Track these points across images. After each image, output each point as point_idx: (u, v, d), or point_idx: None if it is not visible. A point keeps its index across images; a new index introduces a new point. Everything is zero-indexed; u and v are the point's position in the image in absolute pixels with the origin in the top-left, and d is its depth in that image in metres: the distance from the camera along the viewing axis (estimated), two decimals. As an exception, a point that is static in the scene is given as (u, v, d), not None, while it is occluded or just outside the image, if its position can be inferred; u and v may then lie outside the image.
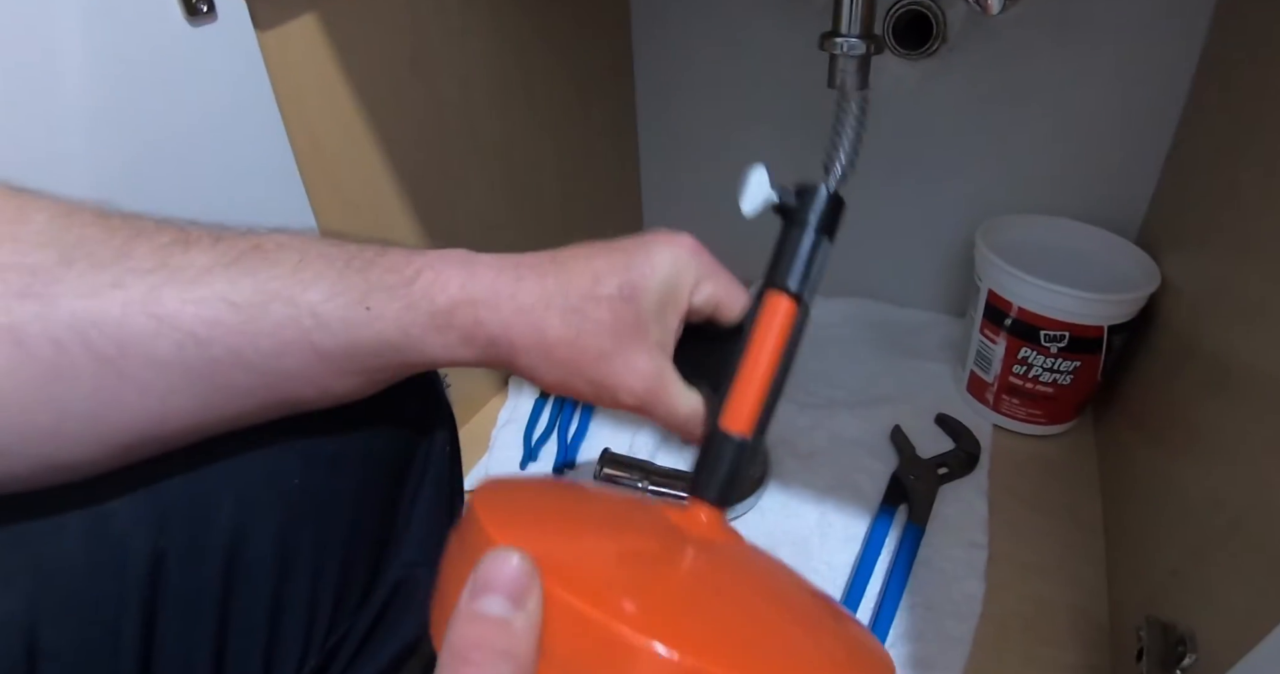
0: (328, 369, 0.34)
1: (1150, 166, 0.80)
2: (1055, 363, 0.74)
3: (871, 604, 0.65)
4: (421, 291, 0.35)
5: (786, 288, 0.40)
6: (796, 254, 0.41)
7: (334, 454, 0.40)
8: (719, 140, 1.03)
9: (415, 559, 0.43)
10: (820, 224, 0.41)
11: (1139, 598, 0.59)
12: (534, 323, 0.36)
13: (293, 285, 0.32)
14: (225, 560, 0.36)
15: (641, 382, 0.38)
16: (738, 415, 0.38)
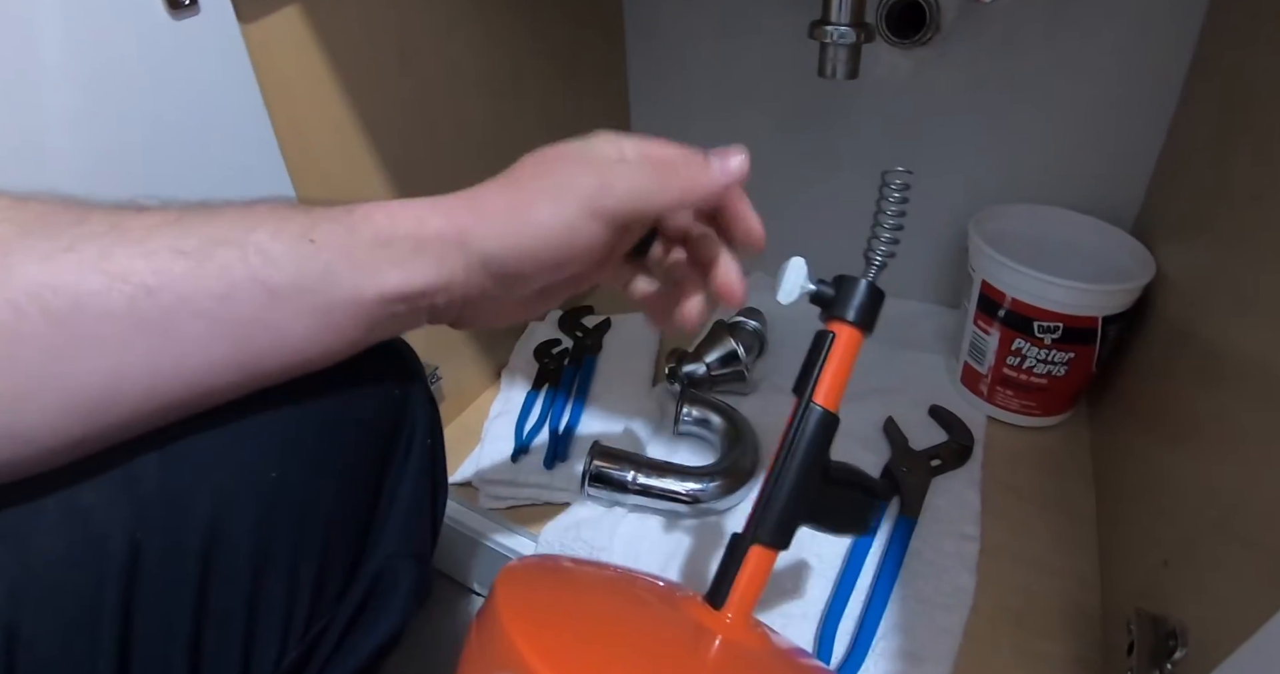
0: (281, 310, 0.34)
1: (1145, 155, 0.79)
2: (1049, 354, 0.74)
3: (862, 596, 0.64)
4: (362, 216, 0.36)
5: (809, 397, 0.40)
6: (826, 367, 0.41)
7: (313, 445, 0.39)
8: (713, 130, 1.02)
9: (396, 550, 0.43)
10: (860, 319, 0.40)
11: (1131, 590, 0.59)
12: (474, 198, 0.38)
13: (238, 229, 0.33)
14: (203, 552, 0.36)
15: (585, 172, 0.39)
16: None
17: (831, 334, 0.40)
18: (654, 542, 0.69)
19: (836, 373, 0.40)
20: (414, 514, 0.44)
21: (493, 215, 0.38)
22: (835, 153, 0.95)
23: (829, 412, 0.39)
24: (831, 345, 0.40)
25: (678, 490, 0.68)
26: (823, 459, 0.40)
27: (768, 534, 0.39)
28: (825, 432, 0.40)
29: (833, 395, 0.40)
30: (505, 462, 0.78)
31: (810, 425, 0.40)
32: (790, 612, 0.63)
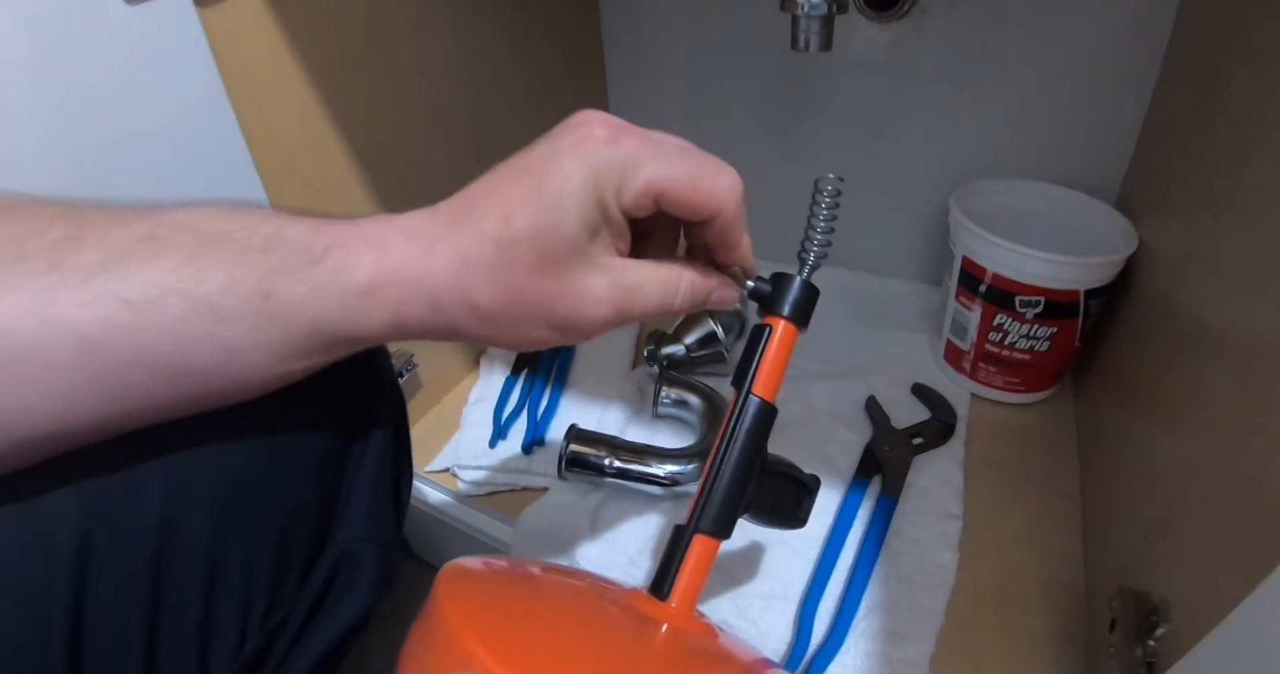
0: (238, 364, 0.33)
1: (1128, 128, 0.78)
2: (1031, 329, 0.73)
3: (843, 577, 0.64)
4: (330, 272, 0.33)
5: (748, 388, 0.41)
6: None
7: (272, 431, 0.38)
8: (689, 106, 1.00)
9: (358, 535, 0.42)
10: (794, 314, 0.41)
11: (1113, 565, 0.58)
12: (461, 295, 0.34)
13: (187, 278, 0.31)
14: (156, 540, 0.35)
15: (601, 308, 0.36)
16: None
17: (768, 328, 0.41)
18: (633, 525, 0.68)
19: (773, 365, 0.41)
20: (376, 499, 0.43)
21: (479, 318, 0.35)
22: (813, 130, 0.94)
23: (766, 402, 0.40)
24: (768, 339, 0.40)
25: (656, 473, 0.68)
26: (761, 449, 0.41)
27: (710, 523, 0.39)
28: (764, 422, 0.41)
29: (770, 387, 0.41)
30: (483, 448, 0.77)
31: (749, 416, 0.40)
32: (771, 593, 0.62)
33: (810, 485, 0.52)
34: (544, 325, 0.36)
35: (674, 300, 0.38)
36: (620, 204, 0.35)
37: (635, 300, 0.37)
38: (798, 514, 0.52)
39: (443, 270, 0.34)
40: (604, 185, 0.35)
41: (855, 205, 0.98)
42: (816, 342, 0.89)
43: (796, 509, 0.51)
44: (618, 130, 0.36)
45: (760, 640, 0.60)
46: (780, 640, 0.60)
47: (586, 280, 0.35)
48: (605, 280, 0.36)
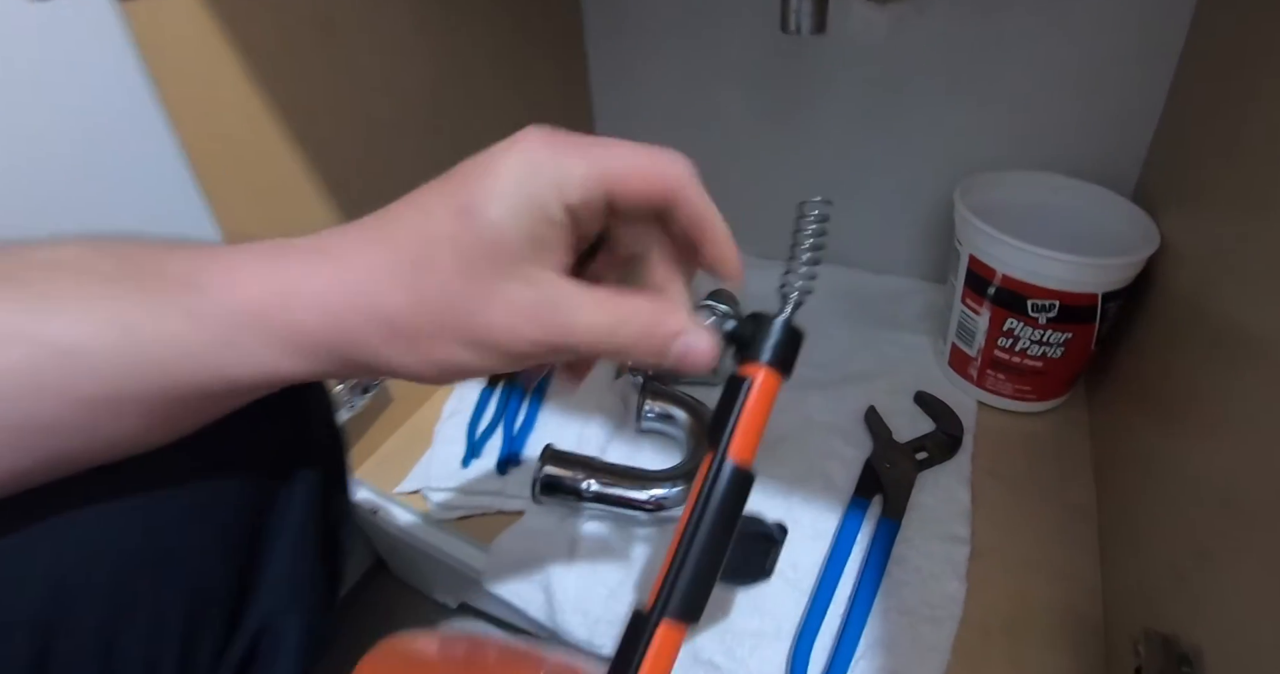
0: (99, 416, 0.27)
1: (1146, 115, 0.72)
2: (1045, 334, 0.67)
3: (840, 610, 0.58)
4: (210, 294, 0.28)
5: (724, 453, 0.35)
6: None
7: (174, 488, 0.33)
8: (676, 94, 0.95)
9: (276, 607, 0.37)
10: (776, 361, 0.35)
11: (1137, 599, 0.53)
12: (368, 302, 0.29)
13: (34, 316, 0.25)
14: (37, 638, 0.30)
15: (523, 323, 0.30)
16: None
17: (747, 380, 0.35)
18: (615, 553, 0.63)
19: (752, 423, 0.35)
20: (299, 562, 0.38)
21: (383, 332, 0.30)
22: (807, 121, 0.88)
23: (743, 469, 0.34)
24: (747, 392, 0.35)
25: (638, 498, 0.62)
26: (737, 522, 0.35)
27: (679, 609, 0.33)
28: (740, 492, 0.35)
29: (748, 449, 0.35)
30: (455, 467, 0.72)
31: (724, 485, 0.35)
32: (761, 630, 0.57)
33: (776, 536, 0.47)
34: (458, 341, 0.30)
35: (618, 333, 0.32)
36: (565, 201, 0.30)
37: (565, 322, 0.31)
38: (763, 567, 0.47)
39: (352, 282, 0.29)
40: (541, 184, 0.30)
41: (853, 199, 0.93)
42: (811, 346, 0.83)
43: (762, 562, 0.47)
44: (555, 133, 0.31)
45: (750, 683, 0.55)
46: (772, 683, 0.55)
47: (511, 289, 0.30)
48: (533, 293, 0.30)
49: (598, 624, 0.59)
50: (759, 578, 0.49)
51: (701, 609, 0.34)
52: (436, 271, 0.29)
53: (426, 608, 0.85)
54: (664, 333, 0.33)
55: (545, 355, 0.31)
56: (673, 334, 0.33)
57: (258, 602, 0.36)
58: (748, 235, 0.39)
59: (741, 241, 0.36)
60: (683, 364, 0.33)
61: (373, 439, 0.78)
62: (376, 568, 0.88)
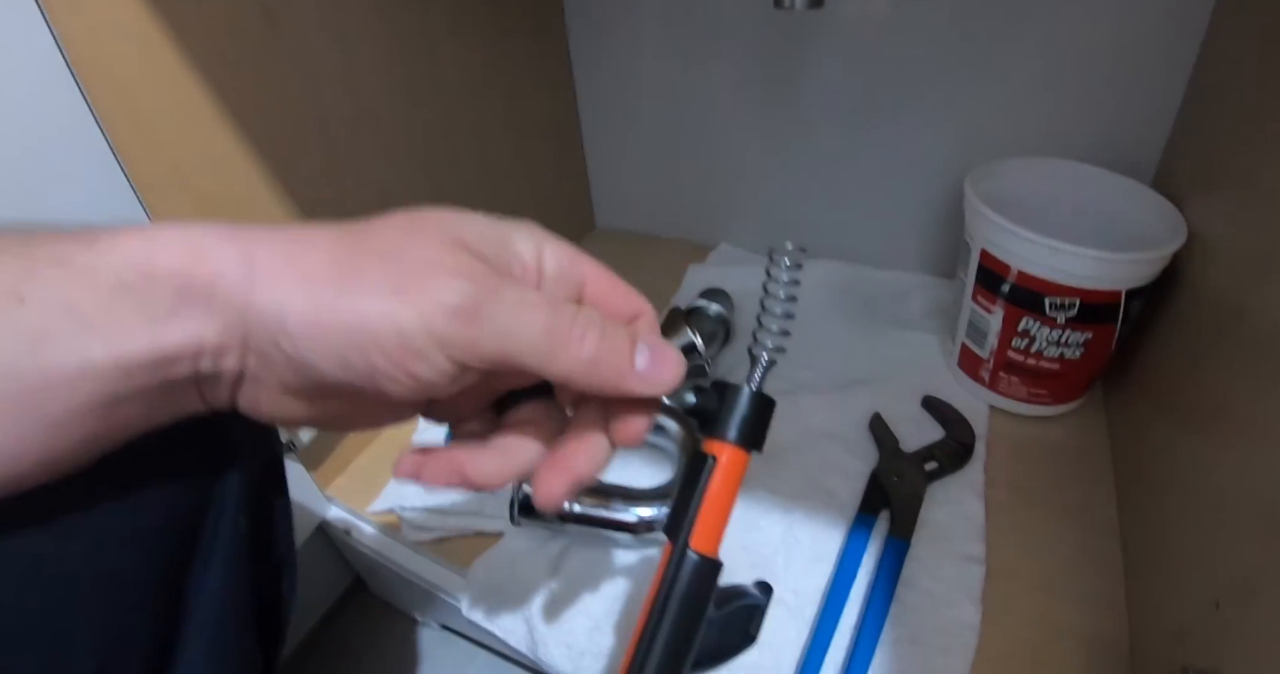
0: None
1: (1168, 95, 0.67)
2: (1063, 335, 0.62)
3: (845, 641, 0.54)
4: (107, 247, 0.24)
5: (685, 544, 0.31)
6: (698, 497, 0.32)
7: (69, 547, 0.28)
8: (662, 75, 0.89)
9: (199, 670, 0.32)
10: (743, 438, 0.31)
11: (1169, 629, 0.48)
12: (292, 242, 0.26)
13: None
14: None
15: (463, 275, 0.26)
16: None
17: (711, 459, 0.31)
18: (601, 580, 0.59)
19: (716, 507, 0.32)
20: (221, 632, 0.33)
21: (307, 279, 0.25)
22: (803, 104, 0.82)
23: (708, 559, 0.30)
24: (710, 474, 0.31)
25: (625, 519, 0.57)
26: (702, 615, 0.31)
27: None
28: (705, 584, 0.32)
29: (713, 537, 0.32)
30: (428, 483, 0.67)
31: (686, 577, 0.31)
32: (759, 664, 0.53)
33: (760, 601, 0.43)
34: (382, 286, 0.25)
35: (570, 321, 0.27)
36: (540, 258, 0.29)
37: (506, 291, 0.26)
38: (746, 633, 0.43)
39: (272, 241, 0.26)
40: (520, 231, 0.30)
41: (853, 189, 0.88)
42: (811, 347, 0.79)
43: (744, 629, 0.43)
44: None
45: (748, 725, 0.50)
46: (772, 725, 0.50)
47: (458, 257, 0.26)
48: (479, 264, 0.27)
49: (582, 658, 0.54)
50: (745, 646, 0.44)
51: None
52: (385, 233, 0.27)
53: (407, 627, 0.80)
54: (623, 333, 0.29)
55: (472, 331, 0.25)
56: (632, 338, 0.29)
57: (181, 660, 0.31)
58: (736, 228, 0.34)
59: (731, 235, 0.32)
60: (654, 368, 0.29)
61: (344, 454, 0.73)
62: (356, 585, 0.84)
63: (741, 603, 0.43)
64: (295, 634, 0.78)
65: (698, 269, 0.90)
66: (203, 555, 0.32)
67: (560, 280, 0.29)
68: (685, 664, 0.32)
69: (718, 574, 0.32)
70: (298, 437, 0.64)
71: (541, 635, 0.56)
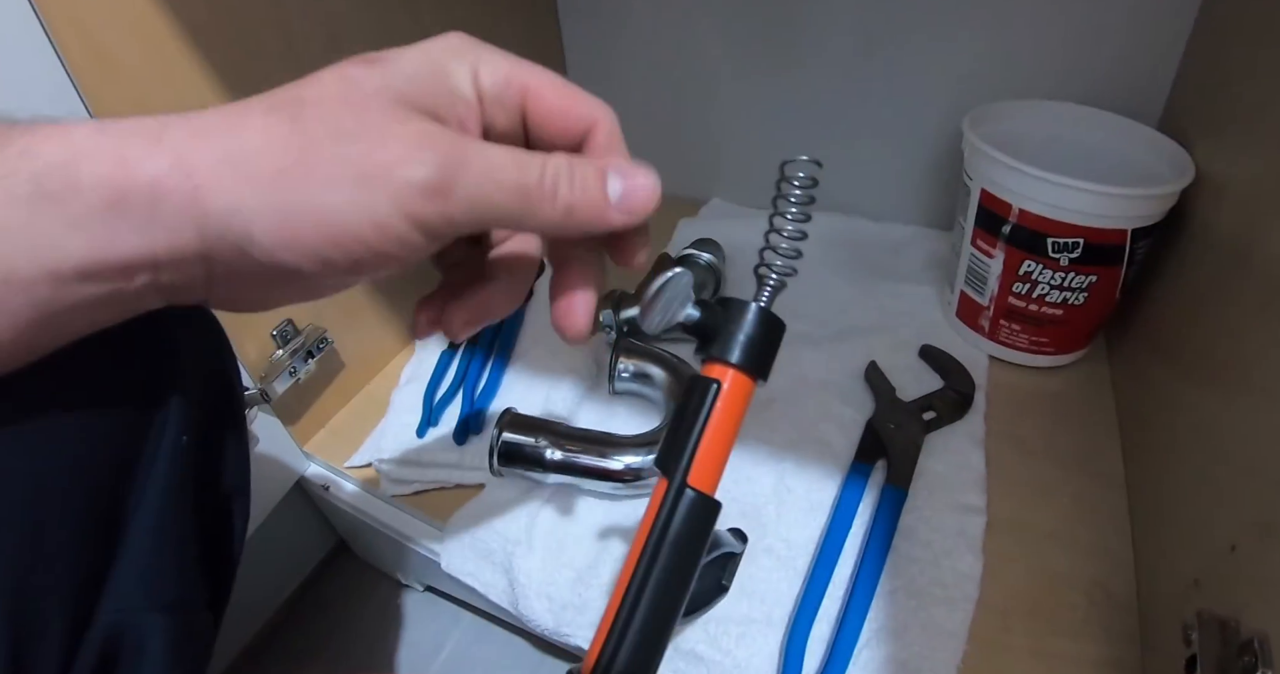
0: None
1: (1174, 33, 0.64)
2: (1066, 278, 0.60)
3: (840, 592, 0.52)
4: (22, 150, 0.22)
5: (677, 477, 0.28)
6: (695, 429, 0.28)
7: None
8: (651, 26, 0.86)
9: (131, 604, 0.29)
10: (748, 362, 0.28)
11: (1179, 578, 0.46)
12: (228, 140, 0.23)
13: None
14: None
15: (423, 145, 0.24)
16: None
17: (715, 385, 0.28)
18: (583, 531, 0.56)
19: (718, 440, 0.28)
20: (159, 550, 0.30)
21: (258, 178, 0.23)
22: (797, 46, 0.79)
23: (707, 498, 0.27)
24: (714, 401, 0.27)
25: (610, 466, 0.55)
26: (698, 563, 0.28)
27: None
28: (703, 528, 0.28)
29: (713, 474, 0.28)
30: (410, 437, 0.65)
31: (681, 518, 0.27)
32: (750, 616, 0.50)
33: (736, 549, 0.40)
34: (340, 177, 0.23)
35: (528, 169, 0.26)
36: (478, 81, 0.27)
37: (466, 151, 0.24)
38: (719, 583, 0.41)
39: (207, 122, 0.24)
40: (455, 59, 0.27)
41: (849, 138, 0.84)
42: (805, 298, 0.76)
43: (718, 579, 0.41)
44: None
45: (738, 677, 0.48)
46: (763, 677, 0.48)
47: (412, 122, 0.24)
48: (435, 127, 0.25)
49: (564, 611, 0.52)
50: (715, 598, 0.43)
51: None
52: (322, 106, 0.24)
53: (391, 590, 0.78)
54: (593, 175, 0.27)
55: (445, 205, 0.24)
56: (600, 165, 0.27)
57: (113, 594, 0.29)
58: (729, 183, 0.31)
59: (723, 190, 0.29)
60: (630, 199, 0.27)
61: (323, 409, 0.70)
62: (339, 548, 0.81)
63: (717, 553, 0.41)
64: (277, 597, 0.76)
65: (689, 223, 0.88)
66: (140, 477, 0.30)
67: (500, 104, 0.27)
68: (678, 614, 0.28)
69: (716, 515, 0.29)
70: (271, 387, 0.61)
71: (522, 588, 0.54)
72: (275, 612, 0.76)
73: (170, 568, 0.31)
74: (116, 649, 0.29)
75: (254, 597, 0.74)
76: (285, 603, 0.77)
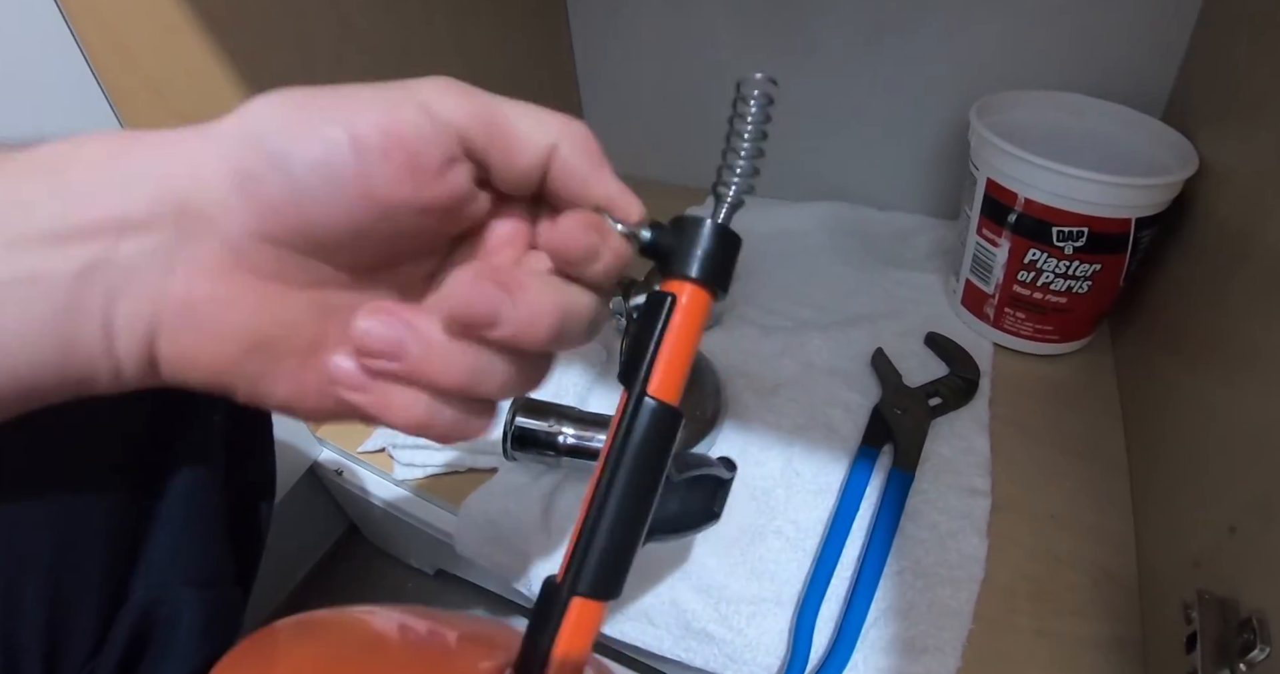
0: None
1: (1178, 25, 0.65)
2: (1071, 266, 0.61)
3: (848, 573, 0.53)
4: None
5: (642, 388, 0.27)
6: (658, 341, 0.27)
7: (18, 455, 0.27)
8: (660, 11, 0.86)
9: (164, 579, 0.30)
10: (706, 275, 0.28)
11: (1181, 558, 0.47)
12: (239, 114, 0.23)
13: None
14: None
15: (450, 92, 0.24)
16: None
17: (670, 298, 0.27)
18: (596, 513, 0.57)
19: (678, 351, 0.27)
20: (191, 528, 0.31)
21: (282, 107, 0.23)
22: (804, 36, 0.80)
23: (668, 406, 0.27)
24: (669, 313, 0.27)
25: (621, 451, 0.56)
26: (661, 472, 0.28)
27: (591, 583, 0.26)
28: (665, 435, 0.27)
29: (674, 382, 0.27)
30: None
31: (643, 427, 0.27)
32: (759, 596, 0.51)
33: (724, 475, 0.41)
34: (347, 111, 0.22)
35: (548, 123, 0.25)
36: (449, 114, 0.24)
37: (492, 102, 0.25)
38: (710, 510, 0.41)
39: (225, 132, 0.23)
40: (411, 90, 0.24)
41: (855, 126, 0.85)
42: (811, 285, 0.77)
43: (709, 505, 0.41)
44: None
45: (748, 654, 0.49)
46: (772, 654, 0.49)
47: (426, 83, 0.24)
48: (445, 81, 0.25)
49: (578, 591, 0.53)
50: (708, 522, 0.42)
51: (620, 584, 0.27)
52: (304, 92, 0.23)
53: (402, 575, 0.79)
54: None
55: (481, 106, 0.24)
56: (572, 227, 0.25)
57: (145, 573, 0.30)
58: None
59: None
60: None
61: (335, 394, 0.71)
62: (350, 533, 0.82)
63: (705, 471, 0.41)
64: (288, 582, 0.77)
65: (696, 211, 0.88)
66: (177, 453, 0.31)
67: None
68: (644, 522, 0.29)
69: (679, 425, 0.29)
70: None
71: (535, 569, 0.55)
72: (287, 597, 0.77)
73: (203, 543, 0.32)
74: (151, 623, 0.30)
75: (265, 582, 0.75)
76: (297, 588, 0.78)
